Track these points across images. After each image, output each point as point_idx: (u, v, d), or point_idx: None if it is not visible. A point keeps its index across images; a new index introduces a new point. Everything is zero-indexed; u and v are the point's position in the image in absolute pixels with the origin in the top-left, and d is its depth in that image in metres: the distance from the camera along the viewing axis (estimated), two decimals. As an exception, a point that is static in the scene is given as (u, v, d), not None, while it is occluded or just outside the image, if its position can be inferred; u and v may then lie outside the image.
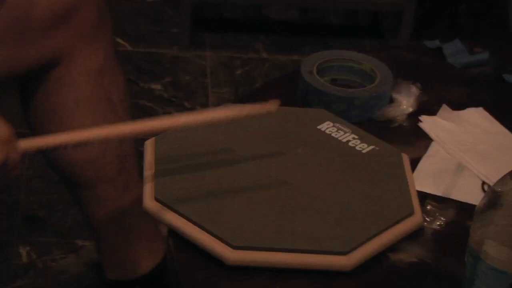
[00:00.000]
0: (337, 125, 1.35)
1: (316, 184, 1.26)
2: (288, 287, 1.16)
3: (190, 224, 1.19)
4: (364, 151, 1.31)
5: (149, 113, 2.23)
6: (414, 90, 1.43)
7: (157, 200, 1.21)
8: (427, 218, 1.26)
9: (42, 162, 1.64)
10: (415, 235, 1.23)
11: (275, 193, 1.24)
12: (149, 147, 1.29)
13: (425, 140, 1.38)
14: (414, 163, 1.33)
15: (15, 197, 1.97)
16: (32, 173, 2.00)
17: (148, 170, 1.25)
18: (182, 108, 2.27)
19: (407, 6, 2.39)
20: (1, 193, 1.22)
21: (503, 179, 1.07)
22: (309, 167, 1.28)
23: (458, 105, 1.44)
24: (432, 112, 1.43)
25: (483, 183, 1.32)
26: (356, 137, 1.33)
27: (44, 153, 1.60)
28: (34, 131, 1.58)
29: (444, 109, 1.43)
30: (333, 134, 1.34)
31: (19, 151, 1.19)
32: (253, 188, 1.24)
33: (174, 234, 1.20)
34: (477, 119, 1.43)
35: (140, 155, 1.33)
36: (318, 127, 1.35)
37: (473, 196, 1.28)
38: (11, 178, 1.20)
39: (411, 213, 1.23)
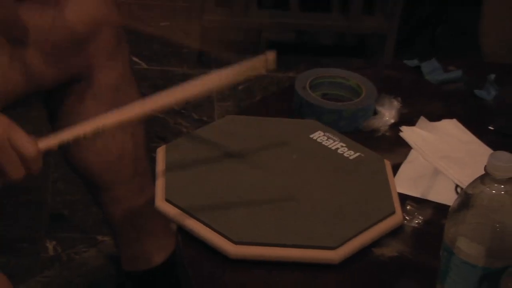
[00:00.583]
0: (327, 134, 1.34)
1: (308, 186, 1.26)
2: (283, 278, 1.15)
3: (197, 222, 1.19)
4: (351, 158, 1.31)
5: (161, 124, 2.22)
6: (396, 103, 1.43)
7: (167, 201, 1.21)
8: (406, 217, 1.25)
9: (66, 167, 1.63)
10: (396, 232, 1.23)
11: (272, 195, 1.23)
12: (160, 153, 1.28)
13: (405, 148, 1.38)
14: (395, 168, 1.32)
15: (42, 197, 1.97)
16: (57, 176, 2.00)
17: (160, 174, 1.25)
18: (190, 119, 2.26)
19: (390, 30, 2.39)
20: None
21: (474, 183, 1.06)
22: (302, 171, 1.28)
23: (434, 117, 1.44)
24: (412, 123, 1.42)
25: (456, 186, 1.32)
26: (344, 145, 1.33)
27: (67, 159, 1.60)
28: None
29: (422, 121, 1.43)
30: (323, 143, 1.33)
31: (41, 160, 1.19)
32: (253, 190, 1.24)
33: (183, 230, 1.20)
34: (451, 130, 1.42)
35: (152, 161, 1.32)
36: (311, 136, 1.34)
37: (448, 197, 1.28)
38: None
39: (392, 213, 1.23)
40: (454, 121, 1.44)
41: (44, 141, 1.19)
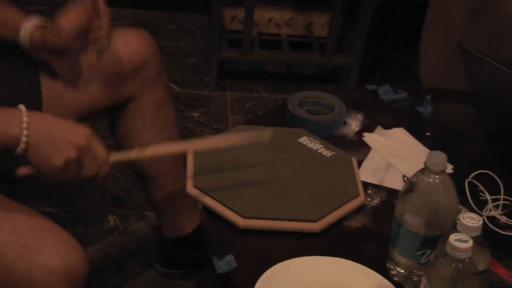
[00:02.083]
0: (310, 139, 1.34)
1: (297, 176, 1.26)
2: (279, 242, 1.15)
3: (216, 201, 1.19)
4: (327, 156, 1.31)
5: (191, 132, 2.23)
6: (359, 116, 1.43)
7: (195, 187, 1.21)
8: (368, 198, 1.25)
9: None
10: (360, 209, 1.23)
11: (271, 182, 1.24)
12: (189, 153, 1.29)
13: (366, 148, 1.38)
14: (359, 163, 1.32)
15: (106, 184, 1.97)
16: (117, 169, 2.00)
17: (190, 167, 1.25)
18: (211, 128, 2.26)
19: (354, 64, 2.39)
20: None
21: (416, 174, 1.07)
22: (292, 166, 1.28)
23: (387, 126, 1.44)
24: (371, 130, 1.42)
25: (404, 176, 1.31)
26: (322, 146, 1.33)
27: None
28: (118, 143, 1.58)
29: (379, 129, 1.42)
30: (307, 145, 1.33)
31: (109, 166, 1.19)
32: (256, 178, 1.24)
33: (206, 208, 1.20)
34: (399, 135, 1.42)
35: (184, 158, 1.32)
36: (298, 140, 1.34)
37: (397, 184, 1.29)
38: (100, 182, 1.20)
39: (357, 195, 1.23)
40: (402, 129, 1.43)
41: (115, 154, 1.21)
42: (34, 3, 2.58)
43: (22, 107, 1.13)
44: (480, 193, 1.23)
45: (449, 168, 1.28)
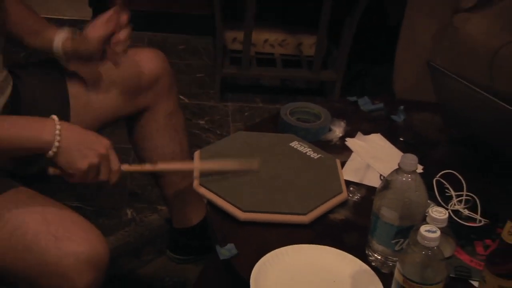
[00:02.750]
0: (300, 143, 1.34)
1: (289, 176, 1.25)
2: (273, 232, 1.15)
3: (219, 197, 1.18)
4: (315, 158, 1.30)
5: (198, 137, 2.22)
6: (342, 124, 1.42)
7: (201, 185, 1.21)
8: (350, 194, 1.25)
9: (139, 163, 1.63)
10: (343, 204, 1.22)
11: (266, 180, 1.23)
12: (196, 155, 1.28)
13: (348, 151, 1.37)
14: (342, 164, 1.31)
15: (124, 182, 1.97)
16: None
17: (196, 168, 1.24)
18: (215, 133, 2.25)
19: (338, 79, 2.39)
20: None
21: (391, 173, 1.06)
22: (285, 166, 1.27)
23: (366, 132, 1.43)
24: (353, 136, 1.41)
25: (380, 175, 1.31)
26: (310, 150, 1.32)
27: (140, 159, 1.59)
28: (134, 146, 1.57)
29: (359, 135, 1.42)
30: (298, 148, 1.32)
31: (120, 174, 1.20)
32: (254, 178, 1.23)
33: (210, 203, 1.19)
34: (377, 140, 1.42)
35: (191, 159, 1.31)
36: (290, 144, 1.33)
37: (375, 182, 1.28)
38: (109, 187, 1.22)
39: (341, 192, 1.23)
40: (379, 135, 1.43)
41: (127, 166, 1.22)
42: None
43: (55, 117, 1.14)
44: (446, 190, 1.23)
45: (420, 169, 1.27)
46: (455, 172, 1.24)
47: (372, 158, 1.35)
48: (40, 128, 1.13)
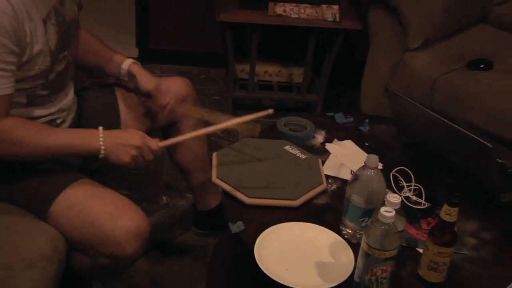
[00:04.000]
0: (292, 147, 1.33)
1: (283, 170, 1.24)
2: (271, 213, 1.15)
3: (231, 187, 1.18)
4: (303, 158, 1.30)
5: (215, 142, 2.20)
6: (323, 133, 1.42)
7: (217, 177, 1.20)
8: (328, 185, 1.25)
9: (171, 161, 1.63)
10: (323, 192, 1.22)
11: (266, 174, 1.22)
12: (215, 156, 1.28)
13: (327, 153, 1.37)
14: (323, 163, 1.31)
15: (161, 174, 1.96)
16: (167, 166, 1.99)
17: (214, 165, 1.24)
18: (228, 140, 2.23)
19: (319, 100, 2.39)
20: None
21: (359, 169, 1.06)
22: (280, 165, 1.27)
23: (341, 139, 1.43)
24: (331, 142, 1.41)
25: (351, 171, 1.31)
26: (299, 152, 1.32)
27: (172, 157, 1.58)
28: (169, 149, 1.57)
29: (335, 141, 1.42)
30: (290, 151, 1.32)
31: (162, 150, 1.19)
32: (257, 172, 1.23)
33: (224, 191, 1.19)
34: (348, 145, 1.41)
35: (210, 158, 1.31)
36: (284, 148, 1.33)
37: (347, 176, 1.28)
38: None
39: (322, 183, 1.23)
40: (350, 141, 1.43)
41: (162, 142, 1.21)
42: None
43: (100, 128, 1.16)
44: (399, 182, 1.24)
45: (380, 166, 1.28)
46: (406, 169, 1.25)
47: (345, 158, 1.35)
48: (88, 137, 1.14)
